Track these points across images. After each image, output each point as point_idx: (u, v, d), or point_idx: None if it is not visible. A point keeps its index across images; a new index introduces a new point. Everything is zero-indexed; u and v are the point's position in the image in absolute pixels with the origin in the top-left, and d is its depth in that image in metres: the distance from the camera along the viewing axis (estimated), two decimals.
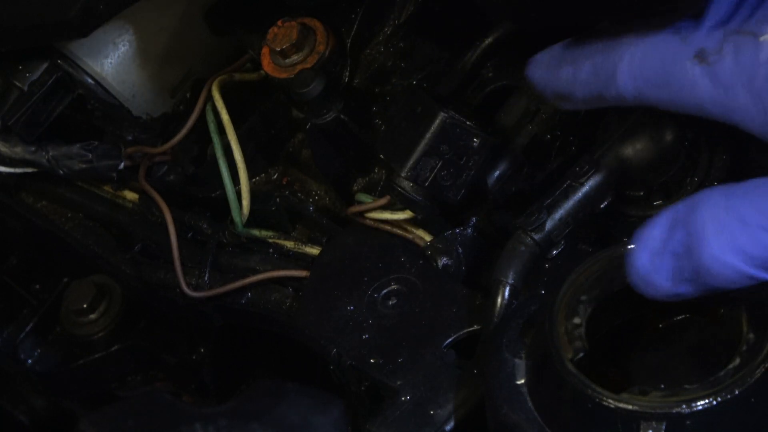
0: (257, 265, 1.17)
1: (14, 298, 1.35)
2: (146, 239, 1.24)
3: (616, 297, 0.86)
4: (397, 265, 1.07)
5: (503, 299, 0.96)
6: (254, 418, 0.76)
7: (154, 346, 1.31)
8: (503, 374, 0.86)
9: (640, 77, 0.87)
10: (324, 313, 1.06)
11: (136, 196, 1.25)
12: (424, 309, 1.03)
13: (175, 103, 1.27)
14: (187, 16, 1.23)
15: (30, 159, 1.20)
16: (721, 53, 0.82)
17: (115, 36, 1.21)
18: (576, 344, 0.82)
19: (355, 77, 1.16)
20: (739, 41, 0.82)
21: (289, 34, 1.12)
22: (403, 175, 1.04)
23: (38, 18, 1.12)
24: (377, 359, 1.01)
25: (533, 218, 0.98)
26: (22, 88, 1.18)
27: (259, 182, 1.22)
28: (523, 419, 0.83)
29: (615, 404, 0.78)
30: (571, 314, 0.84)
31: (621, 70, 0.88)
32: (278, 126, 1.21)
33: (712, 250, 0.78)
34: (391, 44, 1.17)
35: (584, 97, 0.92)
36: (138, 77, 1.23)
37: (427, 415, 0.96)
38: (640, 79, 0.87)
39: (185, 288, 1.17)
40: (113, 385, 1.32)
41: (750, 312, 0.81)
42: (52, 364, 1.32)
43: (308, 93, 1.09)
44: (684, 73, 0.84)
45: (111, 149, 1.21)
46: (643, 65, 0.87)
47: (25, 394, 1.36)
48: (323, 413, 0.77)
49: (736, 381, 0.77)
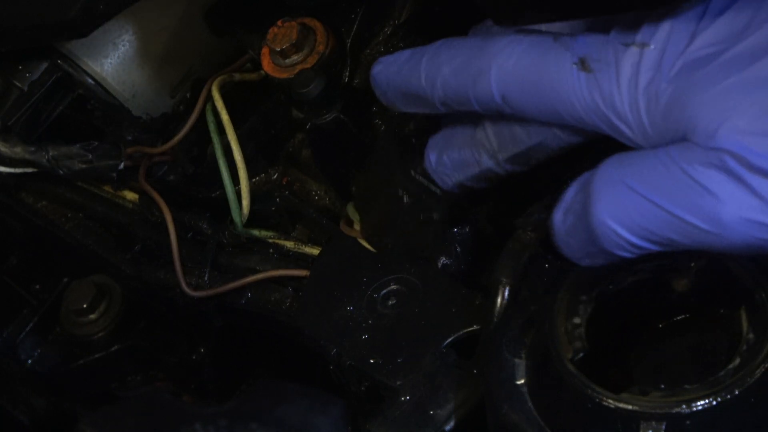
0: (257, 265, 1.17)
1: (14, 298, 1.35)
2: (146, 239, 1.24)
3: (616, 297, 0.86)
4: (396, 265, 1.07)
5: (503, 299, 0.96)
6: (254, 418, 0.76)
7: (154, 346, 1.31)
8: (503, 374, 0.86)
9: (513, 80, 0.87)
10: (324, 313, 1.06)
11: (136, 196, 1.25)
12: (424, 309, 1.03)
13: (175, 103, 1.27)
14: (187, 16, 1.23)
15: (30, 159, 1.20)
16: (603, 62, 0.82)
17: (115, 36, 1.21)
18: (576, 344, 0.82)
19: (355, 77, 1.16)
20: (620, 50, 0.82)
21: (289, 34, 1.12)
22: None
23: (38, 18, 1.12)
24: (377, 359, 1.01)
25: (533, 218, 0.98)
26: (22, 88, 1.18)
27: (259, 182, 1.22)
28: (523, 419, 0.83)
29: (615, 404, 0.78)
30: (571, 314, 0.84)
31: (493, 68, 0.87)
32: (278, 126, 1.21)
33: (599, 214, 0.80)
34: (391, 44, 1.17)
35: (442, 97, 0.92)
36: (138, 77, 1.23)
37: (427, 415, 0.96)
38: (512, 82, 0.87)
39: (185, 288, 1.17)
40: (113, 385, 1.32)
41: (750, 312, 0.81)
42: (52, 364, 1.32)
43: (308, 93, 1.09)
44: (564, 78, 0.84)
45: (111, 149, 1.21)
46: (518, 67, 0.86)
47: (25, 394, 1.36)
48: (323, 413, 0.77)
49: (736, 381, 0.77)
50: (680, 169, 0.77)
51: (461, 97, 0.91)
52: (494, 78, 0.88)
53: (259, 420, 0.76)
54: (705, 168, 0.76)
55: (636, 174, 0.79)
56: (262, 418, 0.76)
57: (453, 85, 0.91)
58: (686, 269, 0.84)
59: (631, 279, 0.86)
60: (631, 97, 0.81)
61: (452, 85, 0.91)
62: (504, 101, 0.88)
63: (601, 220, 0.80)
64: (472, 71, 0.89)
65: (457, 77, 0.91)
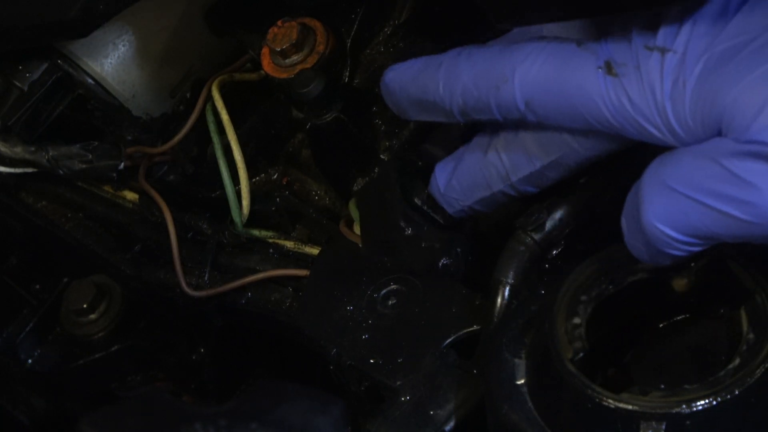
0: (257, 265, 1.17)
1: (14, 298, 1.35)
2: (146, 239, 1.24)
3: (616, 297, 0.86)
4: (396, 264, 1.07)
5: (503, 299, 0.96)
6: (254, 418, 0.75)
7: (154, 346, 1.30)
8: (503, 374, 0.86)
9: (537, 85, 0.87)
10: (324, 313, 1.06)
11: (136, 196, 1.25)
12: (424, 309, 1.03)
13: (175, 103, 1.27)
14: (187, 16, 1.23)
15: (30, 159, 1.20)
16: (628, 65, 0.83)
17: (115, 36, 1.21)
18: (576, 344, 0.82)
19: (355, 77, 1.16)
20: (643, 54, 0.82)
21: (289, 34, 1.12)
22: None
23: (38, 18, 1.12)
24: (377, 359, 1.01)
25: (533, 218, 0.98)
26: (22, 88, 1.18)
27: (259, 182, 1.22)
28: (523, 419, 0.83)
29: (615, 404, 0.78)
30: (571, 314, 0.84)
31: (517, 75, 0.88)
32: (278, 126, 1.21)
33: (647, 217, 0.81)
34: (391, 44, 1.17)
35: (461, 105, 0.93)
36: (138, 77, 1.23)
37: (427, 415, 0.96)
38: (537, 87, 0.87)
39: (185, 288, 1.17)
40: (113, 385, 1.32)
41: (750, 312, 0.81)
42: (52, 364, 1.32)
43: (308, 93, 1.09)
44: (589, 82, 0.85)
45: (111, 149, 1.21)
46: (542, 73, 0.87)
47: (25, 394, 1.36)
48: (323, 413, 0.77)
49: (736, 381, 0.77)
50: (717, 164, 0.78)
51: (482, 105, 0.91)
52: (518, 84, 0.88)
53: (259, 420, 0.76)
54: (742, 161, 0.77)
55: (675, 174, 0.80)
56: (262, 418, 0.76)
57: (474, 93, 0.92)
58: (686, 269, 0.84)
59: (631, 279, 0.86)
60: (658, 100, 0.82)
61: (473, 93, 0.92)
62: (528, 107, 0.88)
63: (650, 223, 0.81)
64: (494, 78, 0.90)
65: (478, 84, 0.91)
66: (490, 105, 0.91)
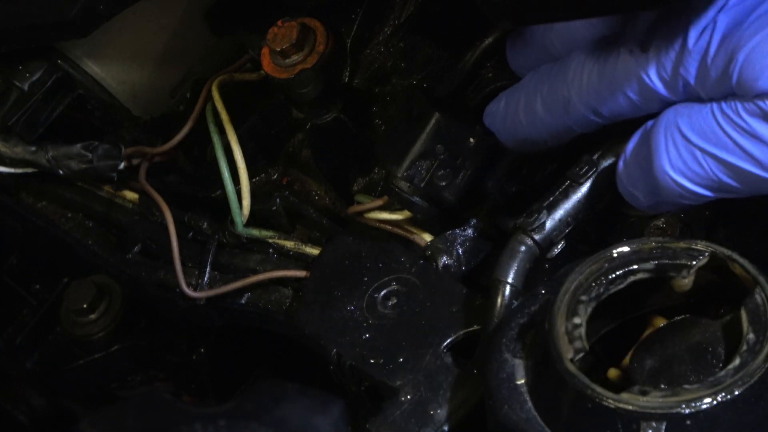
0: (257, 266, 1.17)
1: (14, 298, 1.35)
2: (146, 239, 1.24)
3: (616, 297, 0.86)
4: (396, 265, 1.07)
5: (503, 299, 0.96)
6: (254, 418, 0.75)
7: (154, 346, 1.31)
8: (503, 374, 0.86)
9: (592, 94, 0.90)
10: (324, 313, 1.06)
11: (136, 196, 1.25)
12: (424, 309, 1.03)
13: (175, 103, 1.27)
14: (187, 16, 1.23)
15: (30, 159, 1.20)
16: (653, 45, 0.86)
17: (115, 36, 1.21)
18: (576, 344, 0.82)
19: (355, 77, 1.16)
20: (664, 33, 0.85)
21: (289, 34, 1.12)
22: (400, 176, 1.04)
23: (38, 18, 1.12)
24: (377, 359, 1.01)
25: (533, 218, 0.98)
26: (22, 88, 1.18)
27: (259, 182, 1.22)
28: (523, 419, 0.83)
29: (615, 404, 0.78)
30: (571, 314, 0.84)
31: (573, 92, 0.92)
32: (278, 126, 1.21)
33: (661, 165, 0.85)
34: (391, 44, 1.17)
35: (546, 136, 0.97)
36: (138, 77, 1.23)
37: (427, 415, 0.96)
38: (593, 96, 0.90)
39: (185, 288, 1.17)
40: (113, 385, 1.32)
41: (750, 312, 0.81)
42: (52, 364, 1.32)
43: (308, 93, 1.09)
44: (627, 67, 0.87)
45: (111, 149, 1.21)
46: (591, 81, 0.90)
47: (25, 394, 1.36)
48: (323, 413, 0.77)
49: (736, 381, 0.77)
50: (728, 118, 0.81)
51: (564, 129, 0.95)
52: (578, 100, 0.91)
53: (259, 420, 0.76)
54: (750, 115, 0.80)
55: (691, 125, 0.84)
56: (262, 418, 0.76)
57: (549, 122, 0.95)
58: (686, 269, 0.84)
59: (631, 279, 0.86)
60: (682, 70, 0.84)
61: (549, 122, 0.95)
62: (596, 115, 0.92)
63: (663, 170, 0.85)
64: (559, 103, 0.93)
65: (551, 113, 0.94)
66: (571, 127, 0.94)
